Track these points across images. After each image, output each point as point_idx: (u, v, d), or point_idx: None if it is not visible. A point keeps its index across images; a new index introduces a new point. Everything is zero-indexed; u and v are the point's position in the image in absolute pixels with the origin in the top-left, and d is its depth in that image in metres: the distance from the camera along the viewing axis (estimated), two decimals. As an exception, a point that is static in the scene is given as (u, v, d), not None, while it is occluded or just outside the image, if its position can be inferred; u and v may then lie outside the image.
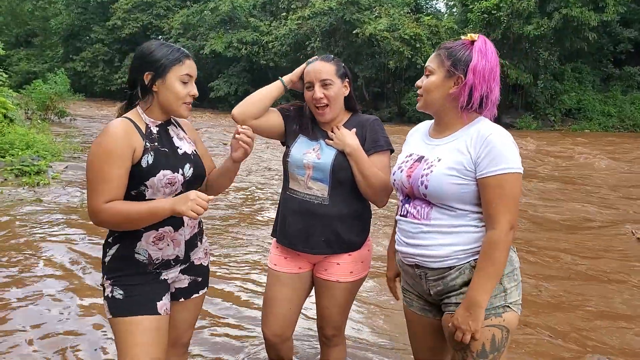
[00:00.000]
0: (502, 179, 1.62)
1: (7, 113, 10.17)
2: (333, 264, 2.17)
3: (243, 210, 6.49)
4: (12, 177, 7.53)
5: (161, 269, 1.81)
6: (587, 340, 3.16)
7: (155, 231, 1.76)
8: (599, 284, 4.12)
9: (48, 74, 21.50)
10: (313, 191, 2.11)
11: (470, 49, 1.72)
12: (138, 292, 1.75)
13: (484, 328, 1.68)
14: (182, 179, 1.78)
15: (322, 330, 2.30)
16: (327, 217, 2.10)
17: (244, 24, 31.34)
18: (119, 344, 1.74)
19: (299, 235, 2.14)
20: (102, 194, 1.64)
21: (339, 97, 2.13)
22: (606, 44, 24.51)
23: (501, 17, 21.43)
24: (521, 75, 22.19)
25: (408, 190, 1.79)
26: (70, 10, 40.69)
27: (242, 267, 4.33)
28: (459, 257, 1.72)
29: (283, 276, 2.23)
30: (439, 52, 1.77)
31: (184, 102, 1.79)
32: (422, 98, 1.80)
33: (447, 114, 1.78)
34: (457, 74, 1.71)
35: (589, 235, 5.58)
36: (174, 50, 1.77)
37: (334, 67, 2.11)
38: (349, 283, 2.19)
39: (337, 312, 2.23)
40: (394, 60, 23.72)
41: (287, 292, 2.23)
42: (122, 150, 1.66)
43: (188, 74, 1.78)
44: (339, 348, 2.35)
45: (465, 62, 1.71)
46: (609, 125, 22.37)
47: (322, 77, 2.08)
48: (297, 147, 2.16)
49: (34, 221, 5.44)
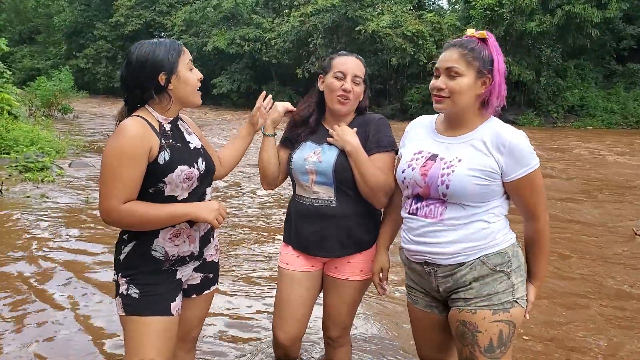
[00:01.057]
0: (531, 177, 1.70)
1: (12, 110, 10.20)
2: (344, 263, 2.18)
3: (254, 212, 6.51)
4: (16, 173, 7.56)
5: (176, 265, 1.82)
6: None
7: (172, 228, 1.77)
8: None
9: (51, 71, 21.57)
10: (319, 195, 2.12)
11: (486, 47, 1.73)
12: (154, 292, 1.76)
13: (492, 323, 1.70)
14: (198, 173, 1.79)
15: (328, 331, 2.29)
16: (337, 218, 2.11)
17: (247, 21, 31.31)
18: (128, 342, 1.75)
19: (312, 240, 2.15)
20: (117, 195, 1.64)
21: (360, 97, 2.16)
22: (609, 40, 24.42)
23: (504, 13, 21.37)
24: (523, 72, 22.13)
25: (423, 190, 1.78)
26: (73, 7, 40.76)
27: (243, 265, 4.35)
28: (469, 254, 1.74)
29: (297, 275, 2.22)
30: (461, 51, 1.72)
31: (196, 89, 1.82)
32: (447, 100, 1.74)
33: (468, 113, 1.78)
34: (485, 75, 1.72)
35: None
36: (171, 44, 1.77)
37: (364, 69, 2.16)
38: (358, 282, 2.19)
39: (345, 311, 2.23)
40: (396, 57, 23.69)
41: (302, 292, 2.22)
42: (138, 150, 1.65)
43: (190, 59, 1.80)
44: (344, 349, 2.33)
45: (490, 62, 1.72)
46: (612, 122, 22.30)
47: (357, 73, 2.11)
48: (299, 152, 2.17)
49: (38, 217, 5.47)
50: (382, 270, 2.10)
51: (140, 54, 1.71)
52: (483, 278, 1.73)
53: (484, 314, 1.71)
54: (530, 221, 1.79)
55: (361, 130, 2.13)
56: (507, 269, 1.74)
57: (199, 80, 1.82)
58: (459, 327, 1.76)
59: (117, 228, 1.77)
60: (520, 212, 1.81)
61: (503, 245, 1.75)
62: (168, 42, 1.77)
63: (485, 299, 1.72)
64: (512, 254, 1.76)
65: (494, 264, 1.73)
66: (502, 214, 1.80)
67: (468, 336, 1.73)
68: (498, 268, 1.73)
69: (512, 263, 1.75)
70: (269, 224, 5.67)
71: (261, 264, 4.36)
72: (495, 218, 1.77)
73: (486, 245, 1.73)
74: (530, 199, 1.73)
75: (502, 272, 1.73)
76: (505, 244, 1.76)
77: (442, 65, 1.74)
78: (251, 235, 5.19)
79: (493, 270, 1.73)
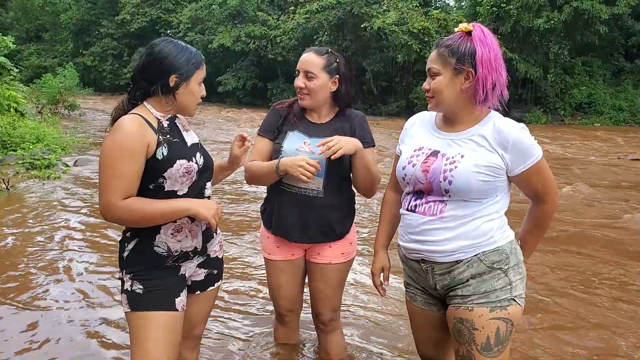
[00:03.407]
0: (537, 166, 1.72)
1: (18, 107, 10.27)
2: (325, 247, 2.29)
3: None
4: (23, 170, 7.62)
5: (180, 261, 1.84)
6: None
7: (173, 223, 1.78)
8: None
9: (58, 69, 21.67)
10: (308, 185, 2.16)
11: (470, 40, 1.70)
12: (158, 288, 1.77)
13: (489, 321, 1.69)
14: (197, 167, 1.81)
15: (320, 317, 2.39)
16: (322, 208, 2.21)
17: (252, 18, 31.31)
18: (133, 338, 1.76)
19: (295, 227, 2.24)
20: (116, 191, 1.66)
21: (321, 91, 2.18)
22: (617, 37, 24.21)
23: (511, 10, 21.24)
24: (531, 69, 22.00)
25: (424, 186, 1.77)
26: (79, 5, 40.92)
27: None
28: (467, 251, 1.73)
29: (279, 264, 2.36)
30: (440, 50, 1.73)
31: (196, 103, 1.88)
32: (433, 99, 1.78)
33: (463, 109, 1.77)
34: (465, 69, 1.69)
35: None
36: (195, 54, 1.81)
37: (323, 61, 2.16)
38: (341, 264, 2.32)
39: (332, 294, 2.35)
40: (402, 54, 23.59)
41: (286, 278, 2.37)
42: (136, 146, 1.68)
43: (204, 76, 1.86)
44: (336, 333, 2.46)
45: (470, 55, 1.68)
46: (620, 119, 22.12)
47: (307, 68, 2.16)
48: (289, 142, 2.21)
49: (45, 214, 5.50)
50: (383, 269, 2.08)
51: (164, 50, 1.75)
52: (480, 275, 1.72)
53: (481, 311, 1.70)
54: (539, 204, 1.81)
55: (346, 125, 2.22)
56: (504, 267, 1.73)
57: (201, 97, 1.87)
58: (455, 324, 1.75)
59: (119, 225, 1.79)
60: (528, 197, 1.84)
61: (501, 242, 1.74)
62: (194, 51, 1.83)
63: (483, 296, 1.71)
64: (510, 251, 1.75)
65: (492, 262, 1.72)
66: (501, 211, 1.79)
67: (465, 334, 1.72)
68: (495, 265, 1.72)
69: (510, 260, 1.74)
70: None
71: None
72: (495, 215, 1.76)
73: (484, 242, 1.72)
74: (539, 186, 1.75)
75: (500, 269, 1.72)
76: (503, 241, 1.75)
77: (427, 67, 1.79)
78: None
79: (490, 267, 1.72)
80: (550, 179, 1.77)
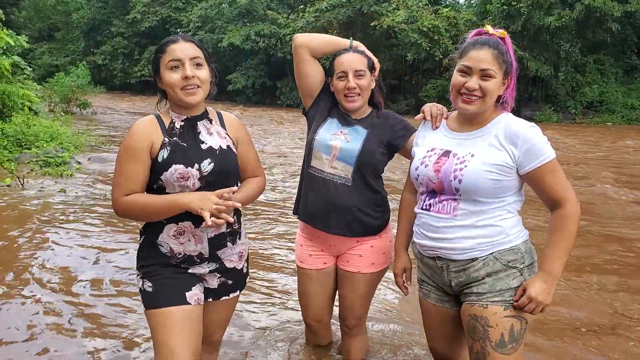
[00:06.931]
0: (549, 166, 1.69)
1: (32, 106, 10.39)
2: (355, 256, 2.23)
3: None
4: (37, 168, 7.72)
5: (185, 264, 1.83)
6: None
7: (175, 225, 1.78)
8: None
9: (70, 67, 21.87)
10: (337, 171, 2.15)
11: (505, 47, 1.75)
12: (166, 284, 1.79)
13: (503, 318, 1.71)
14: (198, 174, 1.74)
15: (345, 320, 2.38)
16: (348, 197, 2.14)
17: (262, 17, 31.34)
18: (153, 336, 1.78)
19: (319, 214, 2.19)
20: (120, 187, 1.73)
21: (369, 88, 2.18)
22: (630, 35, 23.90)
23: (521, 8, 21.07)
24: (541, 67, 21.81)
25: (436, 185, 1.81)
26: (91, 4, 41.28)
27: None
28: (482, 249, 1.75)
29: (310, 273, 2.34)
30: (494, 53, 1.72)
31: (181, 88, 1.72)
32: (479, 100, 1.74)
33: (487, 112, 1.80)
34: (509, 76, 1.76)
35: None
36: (162, 42, 1.77)
37: (365, 59, 2.17)
38: (369, 274, 2.25)
39: (359, 303, 2.30)
40: (411, 53, 23.53)
41: (316, 288, 2.35)
42: (138, 146, 1.72)
43: (173, 59, 1.70)
44: (360, 338, 2.42)
45: (510, 63, 1.75)
46: (632, 118, 21.85)
47: (357, 67, 2.13)
48: (326, 127, 2.21)
49: (58, 212, 5.57)
50: (405, 270, 2.11)
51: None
52: (496, 273, 1.74)
53: (495, 308, 1.72)
54: (555, 209, 1.74)
55: (387, 123, 2.20)
56: (520, 266, 1.75)
57: (184, 79, 1.71)
58: (470, 321, 1.77)
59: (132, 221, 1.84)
60: (546, 205, 1.79)
61: (516, 242, 1.76)
62: (164, 40, 1.78)
63: (498, 294, 1.73)
64: (525, 250, 1.77)
65: (507, 260, 1.74)
66: (515, 210, 1.81)
67: (479, 330, 1.74)
68: (511, 264, 1.74)
69: (525, 260, 1.76)
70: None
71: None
72: (509, 214, 1.78)
73: (499, 241, 1.75)
74: (554, 186, 1.71)
75: (515, 268, 1.74)
76: (517, 241, 1.77)
77: (477, 65, 1.72)
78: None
79: (506, 266, 1.74)
80: (564, 181, 1.73)
